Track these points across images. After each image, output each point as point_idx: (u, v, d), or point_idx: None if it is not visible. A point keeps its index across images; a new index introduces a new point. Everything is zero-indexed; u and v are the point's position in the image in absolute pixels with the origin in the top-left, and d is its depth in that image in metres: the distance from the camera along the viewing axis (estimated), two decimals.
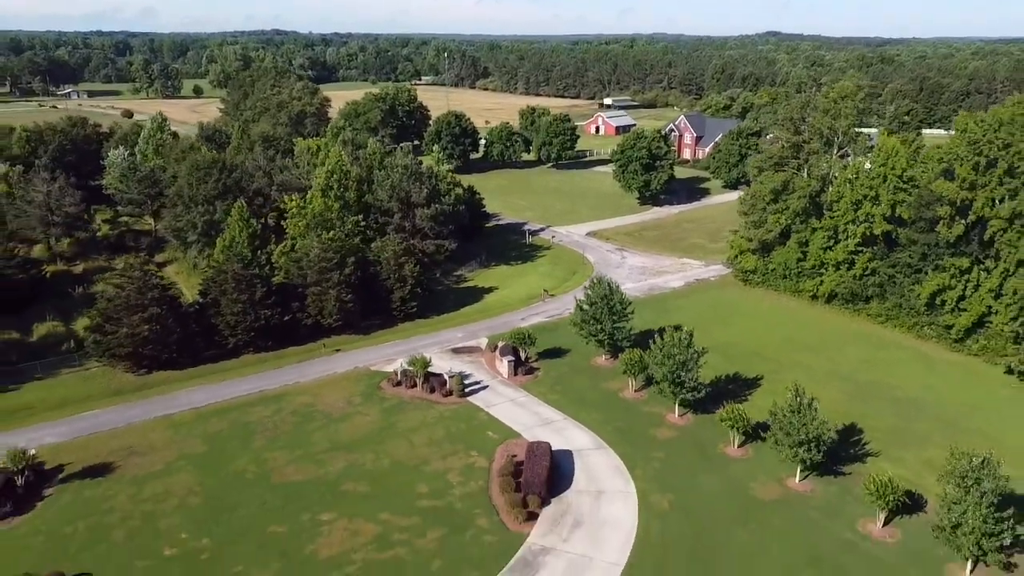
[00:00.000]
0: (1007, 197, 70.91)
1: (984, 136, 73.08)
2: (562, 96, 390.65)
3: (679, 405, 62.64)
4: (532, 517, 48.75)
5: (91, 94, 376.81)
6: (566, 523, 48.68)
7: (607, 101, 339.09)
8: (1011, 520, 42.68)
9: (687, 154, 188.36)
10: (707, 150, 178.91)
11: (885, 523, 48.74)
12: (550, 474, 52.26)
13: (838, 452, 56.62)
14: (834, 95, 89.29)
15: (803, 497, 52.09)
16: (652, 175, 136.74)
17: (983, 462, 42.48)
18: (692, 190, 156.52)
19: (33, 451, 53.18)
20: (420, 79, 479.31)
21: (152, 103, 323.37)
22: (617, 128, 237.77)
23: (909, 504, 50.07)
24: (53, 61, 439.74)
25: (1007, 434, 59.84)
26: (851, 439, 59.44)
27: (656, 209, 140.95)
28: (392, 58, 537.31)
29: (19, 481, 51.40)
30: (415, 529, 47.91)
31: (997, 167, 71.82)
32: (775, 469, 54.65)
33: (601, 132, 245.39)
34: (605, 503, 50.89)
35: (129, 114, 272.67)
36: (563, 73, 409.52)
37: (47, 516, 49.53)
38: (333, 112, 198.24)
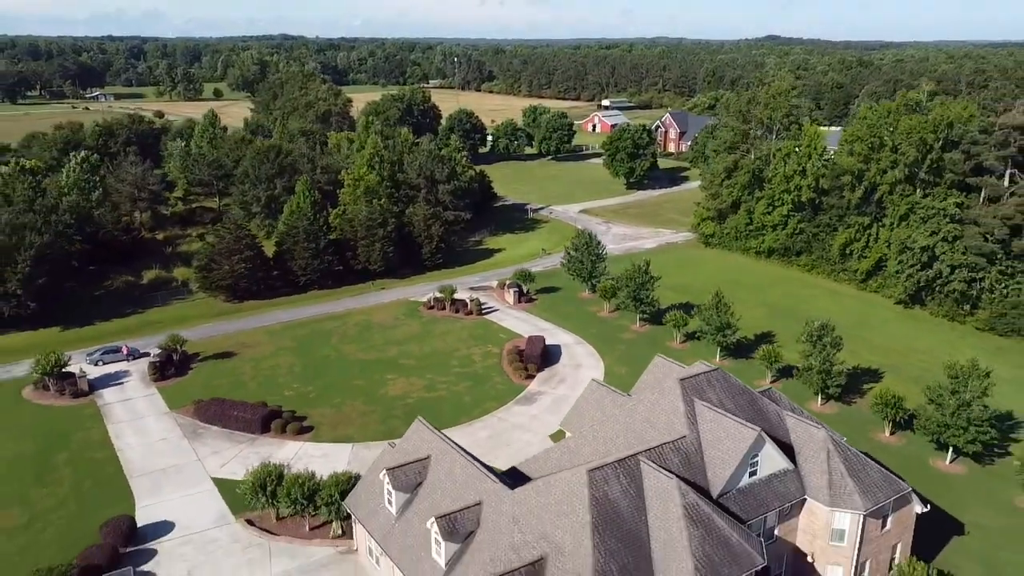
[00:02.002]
0: (890, 168, 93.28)
1: (877, 121, 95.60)
2: (563, 98, 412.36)
3: (640, 319, 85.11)
4: (530, 377, 71.37)
5: (117, 97, 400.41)
6: (554, 380, 71.34)
7: (605, 102, 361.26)
8: (844, 368, 65.17)
9: (672, 147, 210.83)
10: (689, 144, 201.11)
11: (772, 381, 71.16)
12: (543, 353, 74.85)
13: (751, 347, 79.21)
14: (772, 91, 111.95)
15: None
16: (636, 162, 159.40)
17: (823, 325, 64.88)
18: (674, 178, 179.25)
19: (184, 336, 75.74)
20: (428, 82, 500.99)
21: (176, 105, 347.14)
22: (612, 126, 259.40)
23: (790, 371, 72.47)
24: (81, 66, 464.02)
25: (878, 338, 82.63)
26: (763, 341, 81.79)
27: (640, 192, 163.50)
28: (400, 62, 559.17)
29: (175, 357, 74.07)
30: (451, 382, 70.72)
31: (885, 145, 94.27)
32: (704, 354, 76.82)
33: (597, 130, 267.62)
34: (582, 371, 73.38)
35: (160, 114, 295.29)
36: (564, 76, 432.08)
37: (198, 377, 72.44)
38: (354, 112, 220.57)
